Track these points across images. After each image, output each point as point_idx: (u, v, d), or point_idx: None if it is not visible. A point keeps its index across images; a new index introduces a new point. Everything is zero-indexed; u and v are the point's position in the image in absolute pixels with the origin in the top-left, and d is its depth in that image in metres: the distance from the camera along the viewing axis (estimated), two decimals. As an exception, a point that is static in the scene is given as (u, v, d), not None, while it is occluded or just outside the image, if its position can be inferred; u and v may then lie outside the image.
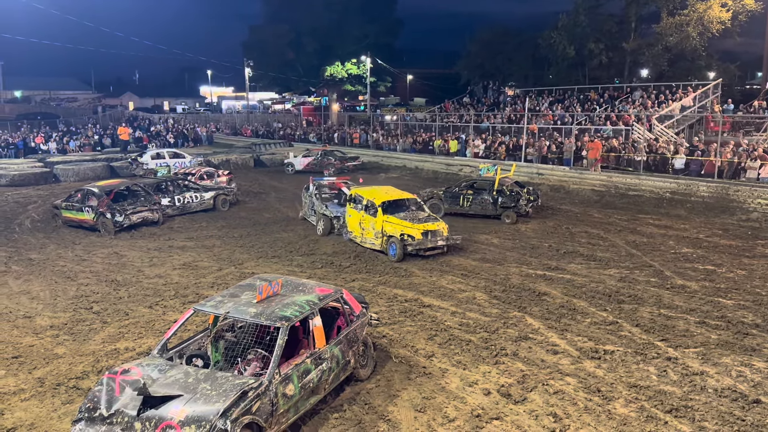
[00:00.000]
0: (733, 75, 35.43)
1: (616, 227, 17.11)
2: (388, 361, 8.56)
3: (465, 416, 7.10)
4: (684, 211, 19.10)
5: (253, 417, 5.98)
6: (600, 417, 7.09)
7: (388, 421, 7.01)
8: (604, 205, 20.65)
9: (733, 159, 20.67)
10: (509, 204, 18.12)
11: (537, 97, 37.71)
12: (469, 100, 43.22)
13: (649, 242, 15.30)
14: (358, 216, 14.95)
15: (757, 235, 15.91)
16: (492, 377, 8.12)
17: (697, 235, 15.99)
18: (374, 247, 14.45)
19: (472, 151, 29.59)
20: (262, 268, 13.16)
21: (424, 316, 10.36)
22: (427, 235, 13.80)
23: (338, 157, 30.64)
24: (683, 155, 22.06)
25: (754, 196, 18.96)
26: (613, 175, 22.98)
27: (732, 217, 18.14)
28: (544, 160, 26.33)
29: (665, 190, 20.98)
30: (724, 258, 13.78)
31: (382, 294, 11.53)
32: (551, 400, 7.48)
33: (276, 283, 7.45)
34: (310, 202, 17.52)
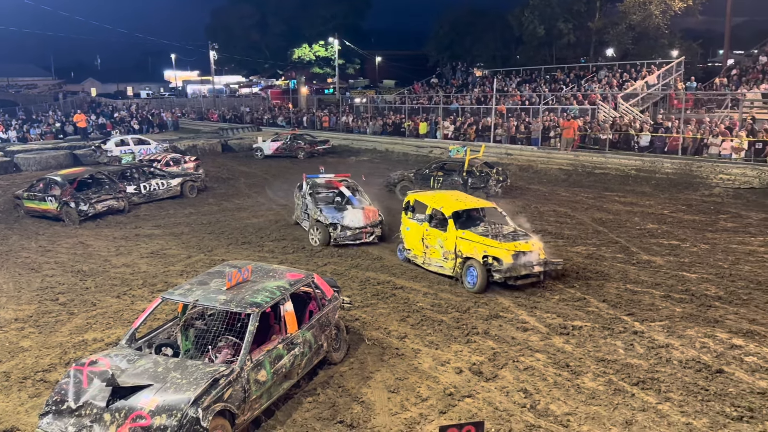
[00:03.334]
0: (696, 53, 36.01)
1: (583, 205, 17.37)
2: (362, 344, 8.59)
3: (438, 395, 7.18)
4: (649, 187, 19.47)
5: (225, 404, 5.95)
6: (569, 391, 7.24)
7: (362, 403, 7.05)
8: (572, 183, 20.93)
9: (696, 136, 21.09)
10: (479, 185, 18.26)
11: (505, 77, 37.85)
12: (438, 82, 43.18)
13: (615, 219, 15.58)
14: (419, 230, 11.82)
15: (720, 210, 16.31)
16: (464, 356, 8.22)
17: (661, 211, 16.33)
18: (442, 272, 11.32)
19: (442, 133, 29.64)
20: (232, 254, 13.04)
21: (397, 298, 10.41)
22: (518, 257, 10.42)
23: (308, 140, 30.41)
24: (648, 133, 22.44)
25: (716, 171, 19.41)
26: (580, 154, 23.28)
27: (695, 192, 18.56)
28: (513, 140, 26.52)
29: (630, 168, 21.34)
30: (687, 233, 14.11)
31: (355, 277, 11.53)
32: (522, 376, 7.61)
33: (246, 269, 7.39)
34: (302, 203, 14.96)
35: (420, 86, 43.10)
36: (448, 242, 11.12)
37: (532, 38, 38.07)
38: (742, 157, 19.50)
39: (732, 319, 9.16)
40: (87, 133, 35.87)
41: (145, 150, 26.80)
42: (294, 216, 15.87)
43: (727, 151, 19.97)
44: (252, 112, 47.04)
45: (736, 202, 17.22)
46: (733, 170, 19.03)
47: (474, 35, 43.85)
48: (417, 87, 43.11)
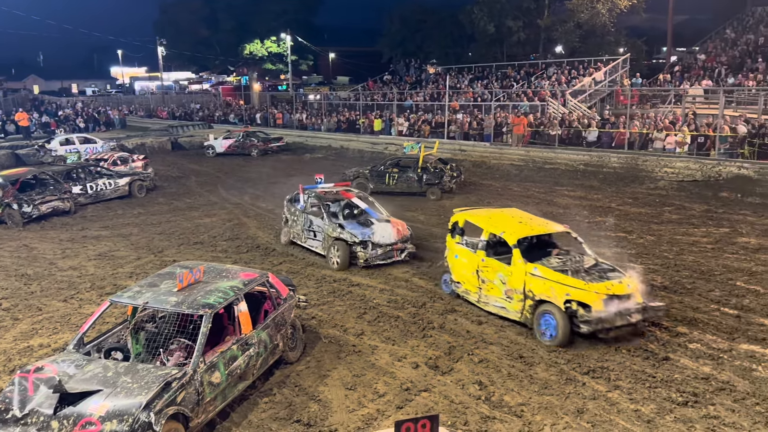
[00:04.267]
0: (640, 50, 37.13)
1: (534, 199, 17.72)
2: (318, 342, 8.56)
3: (395, 390, 7.22)
4: (597, 181, 20.01)
5: (179, 407, 5.84)
6: (523, 382, 7.39)
7: (319, 401, 7.02)
8: (523, 178, 21.32)
9: (642, 131, 21.78)
10: (434, 181, 18.41)
11: (458, 74, 38.22)
12: (392, 78, 43.28)
13: (566, 213, 15.95)
14: (472, 259, 9.55)
15: (664, 203, 16.89)
16: (420, 351, 8.28)
17: (609, 204, 16.81)
18: (504, 314, 9.05)
19: (396, 130, 29.73)
20: (183, 255, 12.78)
21: (354, 295, 10.40)
22: (612, 303, 8.04)
23: (261, 138, 30.04)
24: (595, 128, 23.03)
25: (661, 165, 20.09)
26: (531, 149, 23.73)
27: (641, 186, 19.16)
28: (466, 136, 26.81)
29: (579, 163, 21.88)
30: (634, 225, 14.57)
31: (311, 275, 11.47)
32: (477, 369, 7.73)
33: (197, 270, 7.26)
34: (304, 220, 12.85)
35: (374, 83, 43.11)
36: (513, 278, 8.79)
37: (483, 36, 38.57)
38: (685, 151, 20.23)
39: (677, 307, 9.50)
40: (29, 132, 34.49)
41: (91, 149, 25.96)
42: (286, 235, 13.47)
43: (671, 145, 20.69)
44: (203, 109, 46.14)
45: (679, 194, 17.86)
46: (676, 164, 19.73)
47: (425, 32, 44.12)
48: (371, 84, 43.11)
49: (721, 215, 15.23)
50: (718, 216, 15.17)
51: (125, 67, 79.71)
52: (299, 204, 13.22)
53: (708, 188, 17.96)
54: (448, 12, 42.95)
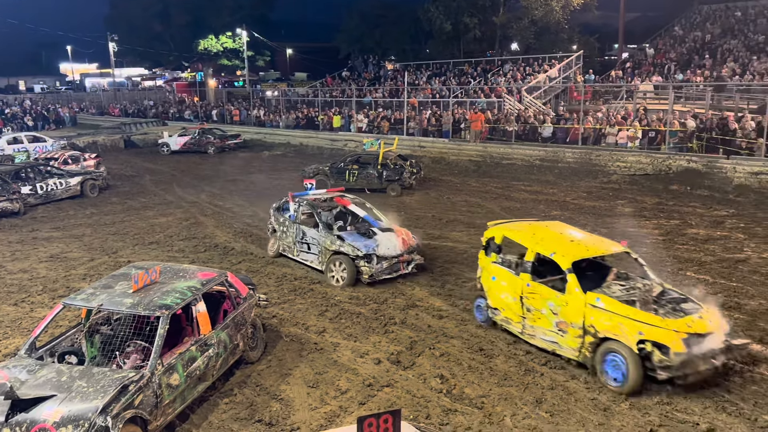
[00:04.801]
0: (593, 47, 38.01)
1: (492, 195, 17.97)
2: (280, 341, 8.50)
3: (357, 387, 7.23)
4: (552, 176, 20.40)
5: (137, 411, 5.72)
6: (483, 374, 7.50)
7: (281, 400, 6.98)
8: (481, 174, 21.59)
9: (595, 126, 22.30)
10: (394, 177, 18.49)
11: (416, 71, 38.38)
12: (350, 75, 43.16)
13: (522, 207, 16.23)
14: (513, 283, 8.23)
15: (617, 196, 17.35)
16: (382, 346, 8.31)
17: (564, 198, 17.17)
18: (558, 351, 7.72)
19: (356, 126, 29.68)
20: (139, 255, 12.49)
21: (315, 293, 10.36)
22: (694, 343, 6.76)
23: (218, 135, 29.61)
24: (550, 124, 23.47)
25: (613, 159, 20.61)
26: (489, 145, 24.03)
27: (595, 180, 19.62)
28: (425, 133, 26.96)
29: (535, 158, 22.28)
30: (588, 218, 14.92)
31: (271, 274, 11.38)
32: (438, 363, 7.80)
33: (153, 270, 7.11)
34: (296, 231, 11.64)
35: (332, 79, 42.92)
36: (568, 309, 7.46)
37: (440, 33, 38.83)
38: (637, 145, 20.79)
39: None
40: (-28, 131, 33.15)
41: (40, 148, 25.15)
42: (273, 247, 12.35)
43: (623, 140, 21.23)
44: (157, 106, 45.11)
45: (632, 188, 18.37)
46: (628, 158, 20.28)
47: (383, 28, 44.17)
48: (330, 80, 42.90)
49: (672, 207, 15.73)
50: (668, 208, 15.66)
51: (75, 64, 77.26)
52: (289, 213, 12.02)
53: (659, 181, 18.51)
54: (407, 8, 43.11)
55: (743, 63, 25.98)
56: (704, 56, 28.43)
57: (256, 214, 16.08)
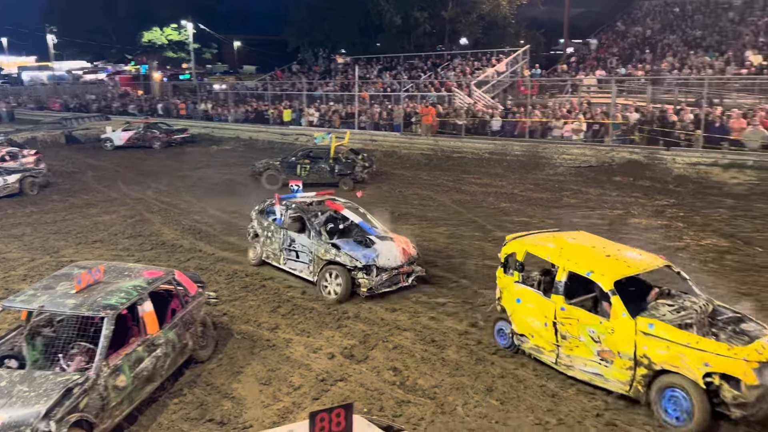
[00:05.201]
0: (539, 41, 38.74)
1: (443, 188, 18.16)
2: (231, 339, 8.38)
3: (310, 382, 7.20)
4: (501, 169, 20.75)
5: (82, 414, 5.56)
6: (435, 365, 7.59)
7: (233, 399, 6.89)
8: (433, 167, 21.78)
9: (542, 119, 22.79)
10: (346, 171, 18.46)
11: (367, 65, 38.32)
12: (301, 68, 42.75)
13: (473, 200, 16.46)
14: (544, 306, 7.30)
15: (563, 188, 17.79)
16: (336, 341, 8.30)
17: (512, 191, 17.50)
18: (603, 384, 6.79)
19: (307, 120, 29.45)
20: (81, 255, 12.08)
21: (267, 289, 10.26)
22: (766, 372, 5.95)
23: (164, 129, 28.88)
24: (499, 118, 23.85)
25: (559, 152, 21.10)
26: (440, 139, 24.25)
27: (542, 172, 20.06)
28: (377, 126, 26.98)
29: (484, 151, 22.60)
30: (536, 210, 15.25)
31: (221, 271, 11.20)
32: (391, 355, 7.85)
33: (97, 269, 6.89)
34: (283, 237, 10.75)
35: (282, 72, 42.41)
36: (616, 337, 6.54)
37: (391, 26, 38.87)
38: (581, 138, 21.34)
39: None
40: None
41: (-27, 144, 23.91)
42: (256, 253, 11.36)
43: (569, 133, 21.75)
44: (99, 100, 43.59)
45: (577, 179, 18.86)
46: (573, 150, 20.81)
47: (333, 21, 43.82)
48: (279, 73, 42.37)
49: (615, 198, 16.23)
50: (612, 199, 16.15)
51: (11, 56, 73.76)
52: (274, 217, 11.22)
53: (603, 173, 19.06)
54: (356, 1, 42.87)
55: (681, 57, 26.97)
56: (645, 51, 29.39)
57: (204, 210, 15.79)
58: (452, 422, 6.36)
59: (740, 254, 11.53)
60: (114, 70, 63.82)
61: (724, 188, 16.56)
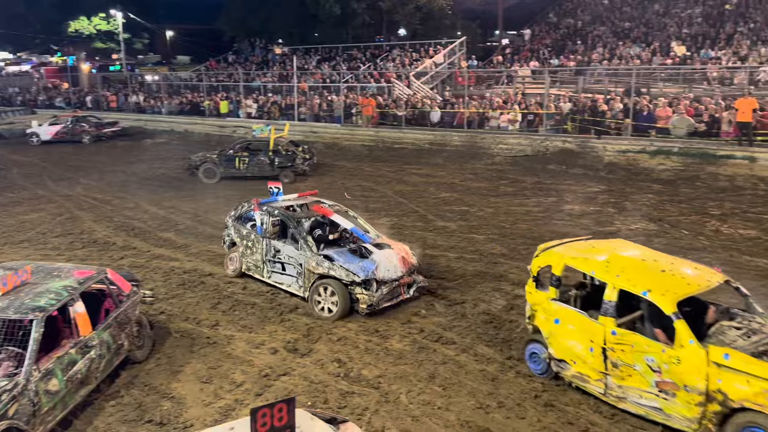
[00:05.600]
0: (475, 33, 39.34)
1: (385, 179, 18.23)
2: (169, 338, 8.18)
3: (253, 378, 7.12)
4: (441, 159, 20.98)
5: (11, 421, 5.32)
6: (379, 355, 7.64)
7: (172, 399, 6.74)
8: (374, 158, 21.81)
9: (479, 110, 23.18)
10: (286, 163, 18.27)
11: (305, 55, 37.92)
12: (237, 58, 41.87)
13: (414, 190, 16.61)
14: (592, 330, 6.38)
15: (501, 177, 18.17)
16: (278, 335, 8.23)
17: (452, 181, 17.75)
18: (663, 420, 5.95)
19: (244, 112, 28.91)
20: (7, 255, 11.48)
21: (206, 286, 10.05)
22: None
23: (94, 123, 27.73)
24: (438, 109, 24.11)
25: (496, 142, 21.53)
26: (380, 130, 24.31)
27: (480, 162, 20.41)
28: (317, 118, 26.78)
29: (425, 142, 22.82)
30: (475, 199, 15.53)
31: (157, 268, 10.89)
32: (335, 347, 7.85)
33: (23, 270, 6.58)
34: (266, 247, 9.70)
35: (217, 63, 41.43)
36: (682, 368, 5.69)
37: (329, 17, 38.56)
38: (517, 128, 21.84)
39: (514, 272, 10.29)
40: None
41: None
42: (234, 264, 10.32)
43: (505, 123, 22.21)
44: (23, 93, 41.43)
45: (513, 168, 19.30)
46: (510, 140, 21.28)
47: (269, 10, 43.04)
48: (214, 64, 41.38)
49: (550, 186, 16.71)
50: (546, 187, 16.62)
51: None
52: (254, 223, 10.14)
53: (538, 162, 19.57)
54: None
55: (611, 48, 27.95)
56: (576, 42, 30.30)
57: (138, 206, 15.31)
58: (396, 410, 6.43)
59: (668, 237, 12.10)
60: (39, 61, 60.71)
61: (652, 174, 17.30)
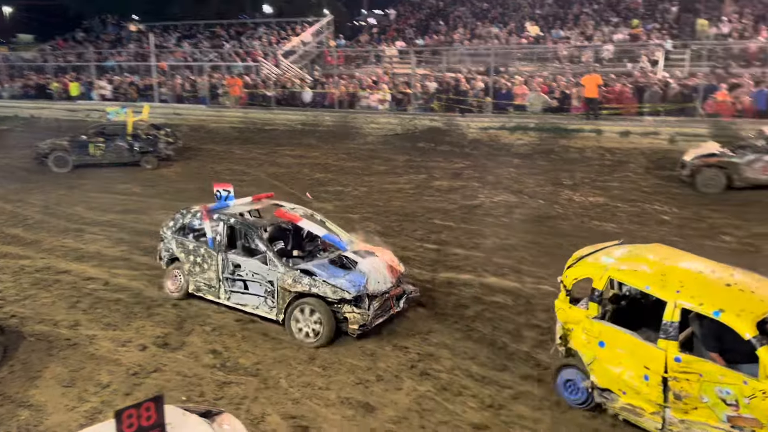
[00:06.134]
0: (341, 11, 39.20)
1: (257, 161, 17.83)
2: (23, 342, 7.50)
3: (120, 378, 6.73)
4: (314, 140, 20.86)
5: None
6: (257, 341, 7.53)
7: (30, 407, 6.21)
8: (244, 141, 21.21)
9: (349, 90, 23.26)
10: (147, 148, 17.34)
11: (164, 32, 35.79)
12: (87, 36, 38.63)
13: (288, 172, 16.41)
14: (649, 355, 5.43)
15: (373, 156, 18.42)
16: (147, 331, 7.83)
17: (326, 161, 17.75)
18: None
19: (98, 94, 26.85)
20: None
21: (62, 284, 9.32)
22: None
23: None
24: (308, 89, 23.88)
25: (368, 121, 21.78)
26: (250, 111, 23.67)
27: (353, 141, 20.53)
28: (180, 99, 25.54)
29: (297, 123, 22.55)
30: (349, 178, 15.65)
31: (5, 268, 9.94)
32: (210, 338, 7.62)
33: None
34: (222, 263, 8.19)
35: (65, 42, 37.99)
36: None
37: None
38: (387, 107, 22.22)
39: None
40: None
41: None
42: (178, 284, 8.71)
43: (375, 103, 22.51)
44: None
45: (385, 147, 19.62)
46: (380, 119, 21.61)
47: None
48: (61, 43, 37.89)
49: (420, 163, 17.21)
50: (417, 164, 17.10)
51: None
52: (198, 233, 8.75)
53: (408, 140, 20.03)
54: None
55: (471, 29, 29.10)
56: (439, 22, 31.20)
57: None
58: (276, 395, 6.38)
59: (527, 207, 12.94)
60: None
61: (512, 149, 18.35)
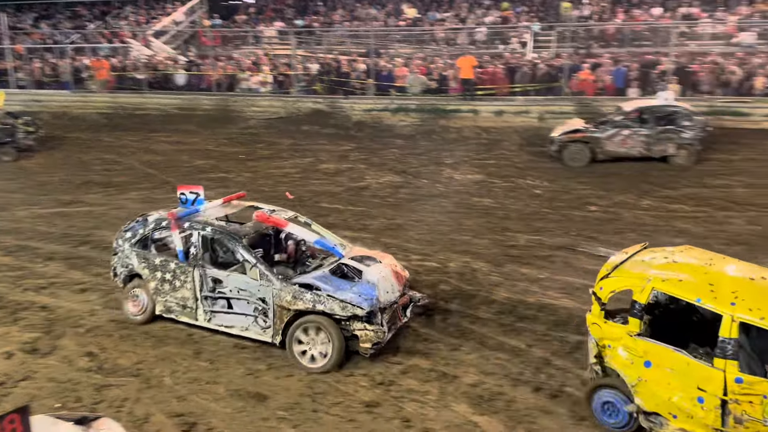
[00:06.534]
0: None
1: (129, 149, 16.88)
2: None
3: (-17, 391, 6.19)
4: (192, 125, 19.98)
5: None
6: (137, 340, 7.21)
7: None
8: (114, 127, 19.93)
9: (227, 72, 22.47)
10: (4, 139, 16.01)
11: (17, 12, 32.64)
12: None
13: (165, 160, 15.68)
14: (703, 374, 4.92)
15: (256, 140, 18.01)
16: (13, 337, 7.28)
17: (206, 147, 17.14)
18: None
19: (-60, 80, 24.07)
20: None
21: None
22: None
23: None
24: (183, 72, 22.80)
25: (249, 105, 21.19)
26: (118, 95, 22.24)
27: (235, 126, 19.90)
28: (40, 84, 23.50)
29: (171, 107, 21.48)
30: (232, 164, 15.23)
31: None
32: (85, 340, 7.20)
33: None
34: (198, 280, 7.07)
35: None
36: None
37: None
38: (269, 90, 21.73)
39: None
40: None
41: None
42: (142, 305, 7.49)
43: (256, 85, 21.91)
44: None
45: (269, 131, 19.22)
46: (262, 102, 21.10)
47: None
48: None
49: (305, 147, 17.05)
50: (302, 148, 16.93)
51: None
52: (162, 244, 7.73)
53: (291, 123, 19.74)
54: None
55: (351, 10, 29.04)
56: (318, 3, 30.84)
57: None
58: (160, 394, 6.13)
59: (411, 187, 13.27)
60: None
61: (395, 130, 18.64)
